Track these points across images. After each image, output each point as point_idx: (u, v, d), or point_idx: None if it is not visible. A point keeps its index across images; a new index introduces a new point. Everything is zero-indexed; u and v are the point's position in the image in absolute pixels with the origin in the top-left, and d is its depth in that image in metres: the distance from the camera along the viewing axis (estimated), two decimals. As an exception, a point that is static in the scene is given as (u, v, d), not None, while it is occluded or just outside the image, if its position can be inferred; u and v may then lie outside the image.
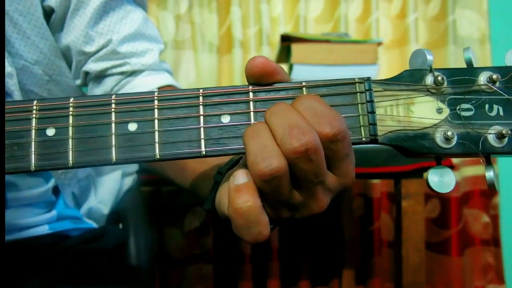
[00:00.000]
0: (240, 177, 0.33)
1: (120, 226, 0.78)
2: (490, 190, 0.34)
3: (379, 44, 1.34)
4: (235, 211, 0.32)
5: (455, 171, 1.50)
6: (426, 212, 1.55)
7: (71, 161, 0.35)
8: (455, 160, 1.51)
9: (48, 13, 0.63)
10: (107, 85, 0.66)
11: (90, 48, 0.63)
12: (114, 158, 0.34)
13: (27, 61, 0.60)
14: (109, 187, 0.75)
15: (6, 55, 0.56)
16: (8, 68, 0.55)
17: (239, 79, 1.57)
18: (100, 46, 0.63)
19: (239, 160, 0.39)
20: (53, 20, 0.63)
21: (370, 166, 1.10)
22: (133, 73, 0.65)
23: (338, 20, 1.59)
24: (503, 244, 1.61)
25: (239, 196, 0.32)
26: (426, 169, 1.12)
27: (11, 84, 0.55)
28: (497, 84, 0.35)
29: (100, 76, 0.66)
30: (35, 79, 0.61)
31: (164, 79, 0.66)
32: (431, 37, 1.63)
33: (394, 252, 1.39)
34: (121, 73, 0.65)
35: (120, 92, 0.66)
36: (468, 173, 1.59)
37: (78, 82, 0.68)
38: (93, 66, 0.64)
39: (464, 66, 0.36)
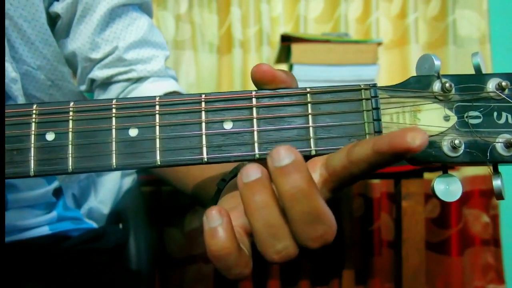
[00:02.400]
0: (214, 219, 0.30)
1: (120, 226, 0.78)
2: (497, 199, 0.33)
3: (379, 44, 1.34)
4: (212, 256, 0.31)
5: (455, 171, 1.50)
6: (426, 212, 1.55)
7: (70, 167, 0.34)
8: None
9: (53, 19, 0.63)
10: (113, 92, 0.65)
11: (96, 55, 0.63)
12: (114, 164, 0.34)
13: (30, 66, 0.59)
14: (108, 187, 0.75)
15: (11, 60, 0.55)
16: (13, 73, 0.55)
17: (239, 79, 1.57)
18: (106, 53, 0.63)
19: None
20: (59, 26, 0.63)
21: (370, 166, 1.10)
22: (138, 80, 0.65)
23: (338, 20, 1.59)
24: (503, 244, 1.61)
25: (215, 242, 0.30)
26: (426, 169, 1.12)
27: (15, 89, 0.55)
28: (506, 91, 0.34)
29: (106, 83, 0.66)
30: (38, 84, 0.61)
31: (170, 86, 0.66)
32: (431, 37, 1.63)
33: (394, 252, 1.39)
34: (127, 80, 0.65)
35: None
36: (468, 173, 1.59)
37: (83, 88, 0.68)
38: (99, 73, 0.64)
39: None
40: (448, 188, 0.33)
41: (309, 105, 0.35)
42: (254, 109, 0.34)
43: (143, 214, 0.83)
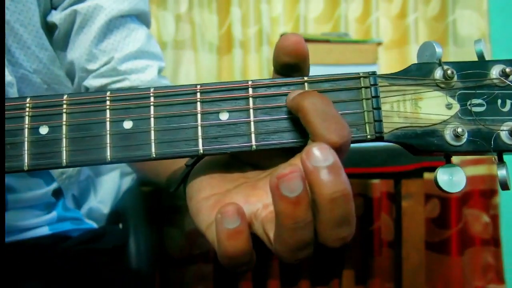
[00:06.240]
0: (232, 219, 0.29)
1: (120, 226, 0.78)
2: (503, 189, 0.32)
3: (379, 44, 1.34)
4: (226, 257, 0.29)
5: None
6: (426, 212, 1.55)
7: (64, 161, 0.33)
8: (455, 160, 1.50)
9: (50, 28, 0.63)
10: None
11: (93, 66, 0.63)
12: (109, 157, 0.33)
13: (26, 70, 0.60)
14: (108, 187, 0.75)
15: (7, 64, 0.56)
16: (9, 77, 0.55)
17: (239, 79, 1.56)
18: (102, 63, 0.63)
19: None
20: (56, 36, 0.63)
21: (370, 166, 1.10)
22: None
23: (338, 20, 1.59)
24: (503, 244, 1.61)
25: (234, 244, 0.29)
26: (426, 169, 1.12)
27: (12, 93, 0.55)
28: (510, 78, 0.33)
29: (99, 91, 0.66)
30: (34, 87, 0.61)
31: None
32: (431, 37, 1.63)
33: (394, 252, 1.38)
34: (120, 88, 0.65)
35: None
36: (468, 173, 1.59)
37: None
38: (93, 82, 0.64)
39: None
40: (452, 178, 0.32)
41: None
42: (251, 99, 0.33)
43: (143, 214, 0.83)
